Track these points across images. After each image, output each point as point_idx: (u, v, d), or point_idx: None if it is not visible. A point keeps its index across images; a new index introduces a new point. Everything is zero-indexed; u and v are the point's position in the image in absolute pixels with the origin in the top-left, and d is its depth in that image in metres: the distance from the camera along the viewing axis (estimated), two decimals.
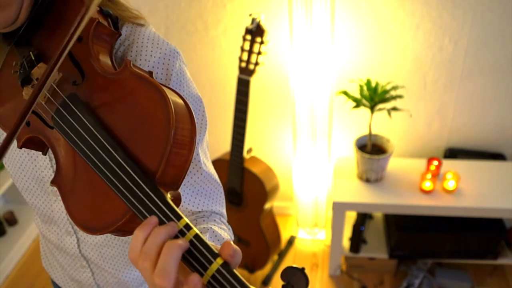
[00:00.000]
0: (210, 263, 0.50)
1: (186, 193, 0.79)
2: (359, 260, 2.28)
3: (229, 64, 2.18)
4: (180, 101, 0.59)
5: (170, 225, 0.52)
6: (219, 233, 0.74)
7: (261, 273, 2.31)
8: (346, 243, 2.25)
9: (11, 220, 2.52)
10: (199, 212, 0.81)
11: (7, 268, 2.36)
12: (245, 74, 1.88)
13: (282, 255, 2.40)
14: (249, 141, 2.22)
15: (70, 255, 0.96)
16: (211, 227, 0.74)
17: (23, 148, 0.81)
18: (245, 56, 1.87)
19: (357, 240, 2.18)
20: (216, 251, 0.51)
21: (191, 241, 0.51)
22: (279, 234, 2.26)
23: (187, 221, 0.53)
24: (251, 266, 2.26)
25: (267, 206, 2.10)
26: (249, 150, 2.10)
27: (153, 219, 0.53)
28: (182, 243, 0.50)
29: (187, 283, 0.50)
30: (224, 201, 0.86)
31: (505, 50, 2.01)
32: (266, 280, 2.26)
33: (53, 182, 0.64)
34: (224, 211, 0.86)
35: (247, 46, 1.86)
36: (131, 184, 0.54)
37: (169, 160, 0.55)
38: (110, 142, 0.57)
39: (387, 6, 1.95)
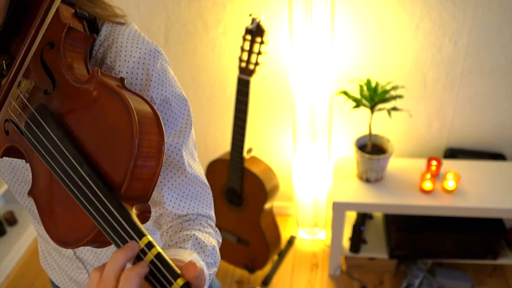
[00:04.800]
0: (171, 284, 0.48)
1: (171, 196, 0.77)
2: (359, 260, 2.28)
3: (229, 64, 2.18)
4: (148, 110, 0.57)
5: (129, 247, 0.50)
6: (203, 240, 0.73)
7: (261, 273, 2.31)
8: (346, 243, 2.25)
9: (11, 220, 2.52)
10: (185, 215, 0.79)
11: (7, 268, 2.36)
12: (245, 74, 1.88)
13: (282, 255, 2.40)
14: (249, 141, 2.22)
15: (66, 257, 0.97)
16: (194, 234, 0.73)
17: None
18: (245, 56, 1.87)
19: (357, 240, 2.18)
20: (178, 271, 0.50)
21: (152, 261, 0.49)
22: (279, 234, 2.26)
23: (150, 239, 0.51)
24: (251, 266, 2.26)
25: (267, 206, 2.10)
26: (249, 150, 2.10)
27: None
28: (140, 270, 0.48)
29: None
30: (212, 202, 0.84)
31: (505, 50, 2.01)
32: (266, 280, 2.26)
33: (29, 193, 0.63)
34: (211, 213, 0.84)
35: (247, 46, 1.86)
36: (94, 200, 0.53)
37: (134, 174, 0.53)
38: (76, 157, 0.55)
39: (387, 6, 1.96)
